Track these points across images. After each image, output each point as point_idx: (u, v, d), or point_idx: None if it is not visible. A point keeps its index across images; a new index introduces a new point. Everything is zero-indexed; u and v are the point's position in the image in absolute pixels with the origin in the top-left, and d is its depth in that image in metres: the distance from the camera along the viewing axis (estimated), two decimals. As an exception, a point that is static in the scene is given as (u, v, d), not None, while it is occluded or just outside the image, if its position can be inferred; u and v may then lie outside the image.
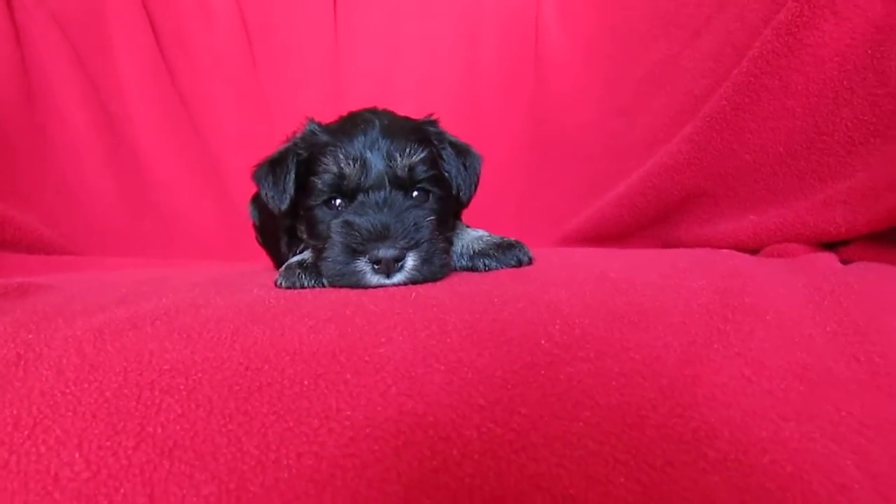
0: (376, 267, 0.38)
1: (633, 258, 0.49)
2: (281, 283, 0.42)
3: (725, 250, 0.53)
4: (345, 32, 1.02)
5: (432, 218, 0.41)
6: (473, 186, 0.49)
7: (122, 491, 0.21)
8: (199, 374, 0.25)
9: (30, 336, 0.29)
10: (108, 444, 0.22)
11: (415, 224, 0.39)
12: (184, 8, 0.96)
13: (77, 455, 0.22)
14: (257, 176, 0.46)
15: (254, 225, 0.66)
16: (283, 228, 0.53)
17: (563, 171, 0.88)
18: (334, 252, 0.39)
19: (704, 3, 0.67)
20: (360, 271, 0.38)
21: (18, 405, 0.24)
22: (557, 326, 0.29)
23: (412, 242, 0.38)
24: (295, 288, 0.41)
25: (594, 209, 0.76)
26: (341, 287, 0.39)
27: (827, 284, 0.36)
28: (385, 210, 0.40)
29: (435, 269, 0.39)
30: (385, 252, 0.38)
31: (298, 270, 0.42)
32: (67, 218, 0.83)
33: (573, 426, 0.24)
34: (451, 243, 0.45)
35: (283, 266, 0.44)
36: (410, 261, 0.39)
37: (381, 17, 1.02)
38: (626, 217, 0.70)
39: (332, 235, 0.39)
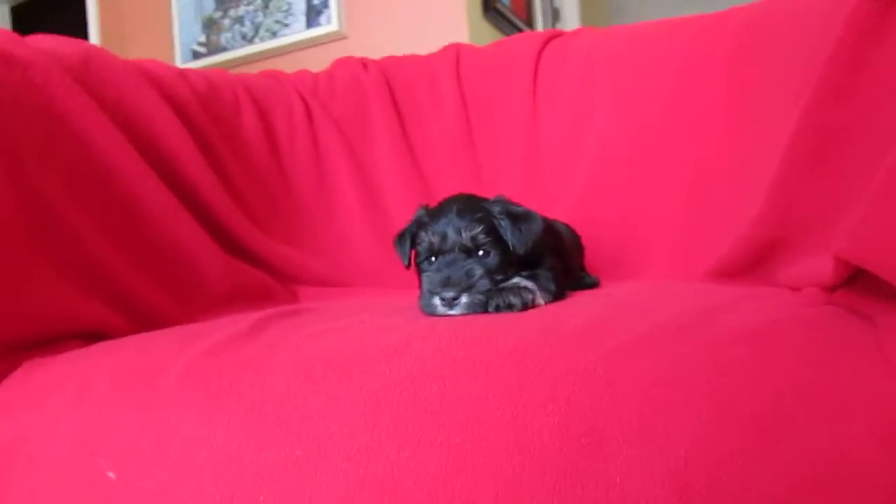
0: (443, 302, 0.66)
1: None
2: None
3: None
4: (542, 100, 1.29)
5: (481, 270, 0.67)
6: (529, 243, 0.72)
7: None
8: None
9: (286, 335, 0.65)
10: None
11: (467, 275, 0.66)
12: (420, 98, 1.35)
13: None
14: (395, 243, 0.78)
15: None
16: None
17: (706, 219, 1.01)
18: (424, 294, 0.68)
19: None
20: (435, 304, 0.66)
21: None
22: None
23: (464, 287, 0.66)
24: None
25: (721, 253, 0.89)
26: (430, 316, 0.68)
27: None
28: (450, 267, 0.67)
29: (476, 304, 0.65)
30: (446, 294, 0.65)
31: None
32: (347, 262, 1.25)
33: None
34: (497, 286, 0.69)
35: None
36: (463, 299, 0.65)
37: (572, 84, 1.26)
38: (736, 260, 0.83)
39: (423, 284, 0.69)
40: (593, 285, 0.94)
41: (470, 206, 0.72)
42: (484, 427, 0.46)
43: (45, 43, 0.89)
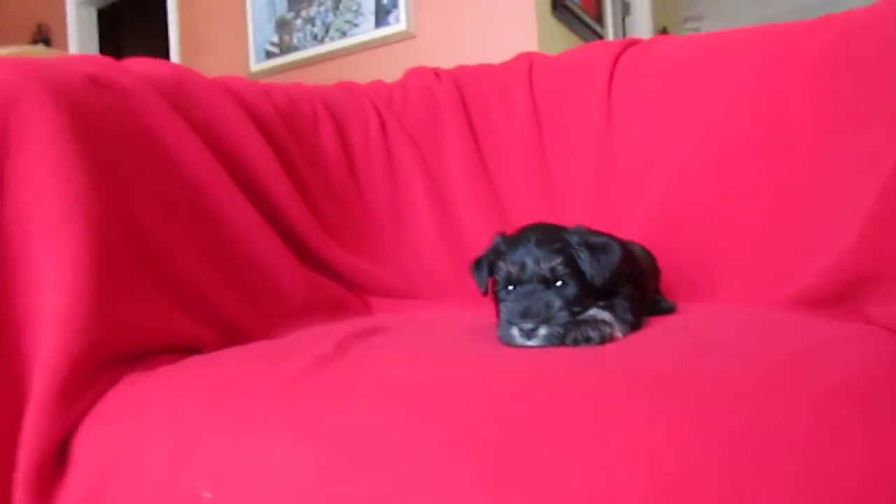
0: (521, 333, 0.67)
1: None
2: None
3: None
4: (617, 110, 1.27)
5: (560, 302, 0.68)
6: (607, 273, 0.72)
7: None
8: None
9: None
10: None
11: (546, 306, 0.67)
12: (492, 109, 1.36)
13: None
14: (471, 270, 0.79)
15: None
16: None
17: (788, 242, 0.97)
18: (501, 323, 0.69)
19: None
20: (513, 335, 0.67)
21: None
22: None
23: (543, 319, 0.66)
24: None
25: (808, 281, 0.86)
26: (506, 345, 0.69)
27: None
28: (529, 298, 0.68)
29: (554, 337, 0.66)
30: (524, 325, 0.66)
31: None
32: (418, 274, 1.27)
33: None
34: (575, 318, 0.69)
35: None
36: (542, 331, 0.66)
37: (647, 95, 1.24)
38: (824, 290, 0.81)
39: (501, 313, 0.70)
40: (669, 311, 0.93)
41: (549, 235, 0.73)
42: (568, 476, 0.46)
43: (140, 66, 0.94)
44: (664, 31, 4.59)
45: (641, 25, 4.13)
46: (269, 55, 3.38)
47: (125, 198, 0.78)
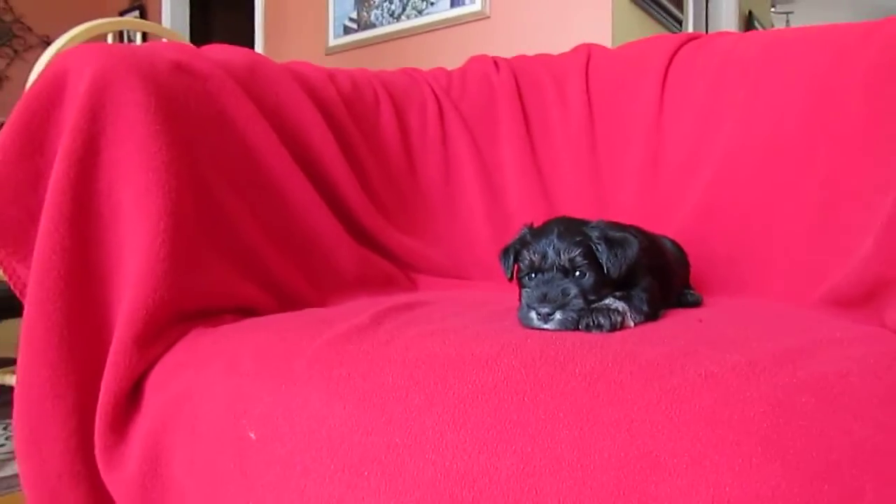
0: (539, 316, 0.73)
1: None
2: None
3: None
4: (669, 105, 1.30)
5: (576, 290, 0.73)
6: (623, 267, 0.76)
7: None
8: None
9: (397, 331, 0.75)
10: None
11: (562, 293, 0.73)
12: (547, 99, 1.40)
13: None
14: (500, 257, 0.85)
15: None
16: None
17: (828, 242, 0.99)
18: (522, 306, 0.75)
19: None
20: (531, 317, 0.74)
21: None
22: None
23: (559, 305, 0.72)
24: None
25: (834, 281, 0.88)
26: (526, 328, 0.75)
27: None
28: (548, 285, 0.74)
29: (568, 321, 0.72)
30: (542, 309, 0.72)
31: None
32: (466, 255, 1.34)
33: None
34: (590, 306, 0.75)
35: None
36: (557, 315, 0.72)
37: (701, 91, 1.26)
38: (848, 291, 0.83)
39: (523, 298, 0.76)
40: (694, 303, 0.96)
41: (570, 229, 0.78)
42: (553, 440, 0.53)
43: (217, 54, 1.04)
44: (750, 17, 4.44)
45: (726, 10, 4.01)
46: (346, 31, 3.49)
47: (200, 174, 0.89)
